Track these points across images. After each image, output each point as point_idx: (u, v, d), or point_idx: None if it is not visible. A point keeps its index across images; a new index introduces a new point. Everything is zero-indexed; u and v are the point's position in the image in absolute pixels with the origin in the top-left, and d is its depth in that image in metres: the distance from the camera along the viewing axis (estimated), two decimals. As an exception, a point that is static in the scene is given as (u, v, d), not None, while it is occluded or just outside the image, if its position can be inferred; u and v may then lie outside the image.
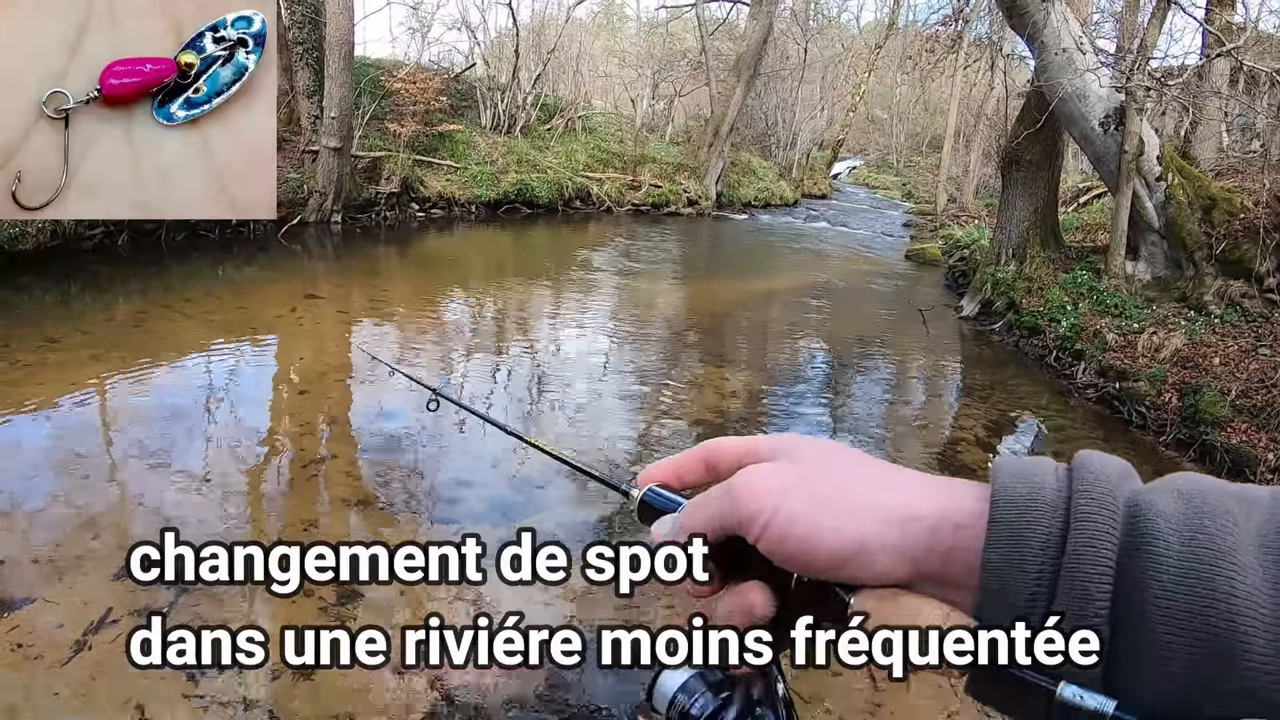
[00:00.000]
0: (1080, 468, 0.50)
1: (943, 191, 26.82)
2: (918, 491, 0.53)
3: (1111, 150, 11.23)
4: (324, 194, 15.72)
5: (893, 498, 0.53)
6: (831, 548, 0.52)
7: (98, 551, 4.69)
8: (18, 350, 7.77)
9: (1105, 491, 0.48)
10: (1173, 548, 0.45)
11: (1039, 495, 0.49)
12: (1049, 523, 0.48)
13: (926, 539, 0.51)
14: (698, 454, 0.64)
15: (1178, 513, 0.46)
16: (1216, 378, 8.54)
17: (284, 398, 7.54)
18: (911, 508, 0.52)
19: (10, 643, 3.87)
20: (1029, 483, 0.50)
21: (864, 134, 47.19)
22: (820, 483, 0.54)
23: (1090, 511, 0.47)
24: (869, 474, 0.55)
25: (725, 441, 0.63)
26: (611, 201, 22.29)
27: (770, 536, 0.53)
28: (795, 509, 0.53)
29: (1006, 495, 0.49)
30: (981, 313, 12.81)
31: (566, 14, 27.03)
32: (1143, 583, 0.45)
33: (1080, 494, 0.48)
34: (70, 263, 11.31)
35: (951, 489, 0.53)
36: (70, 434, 6.28)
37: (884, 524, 0.51)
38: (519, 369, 9.02)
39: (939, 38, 22.28)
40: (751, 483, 0.55)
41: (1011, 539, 0.48)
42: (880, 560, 0.51)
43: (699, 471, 0.64)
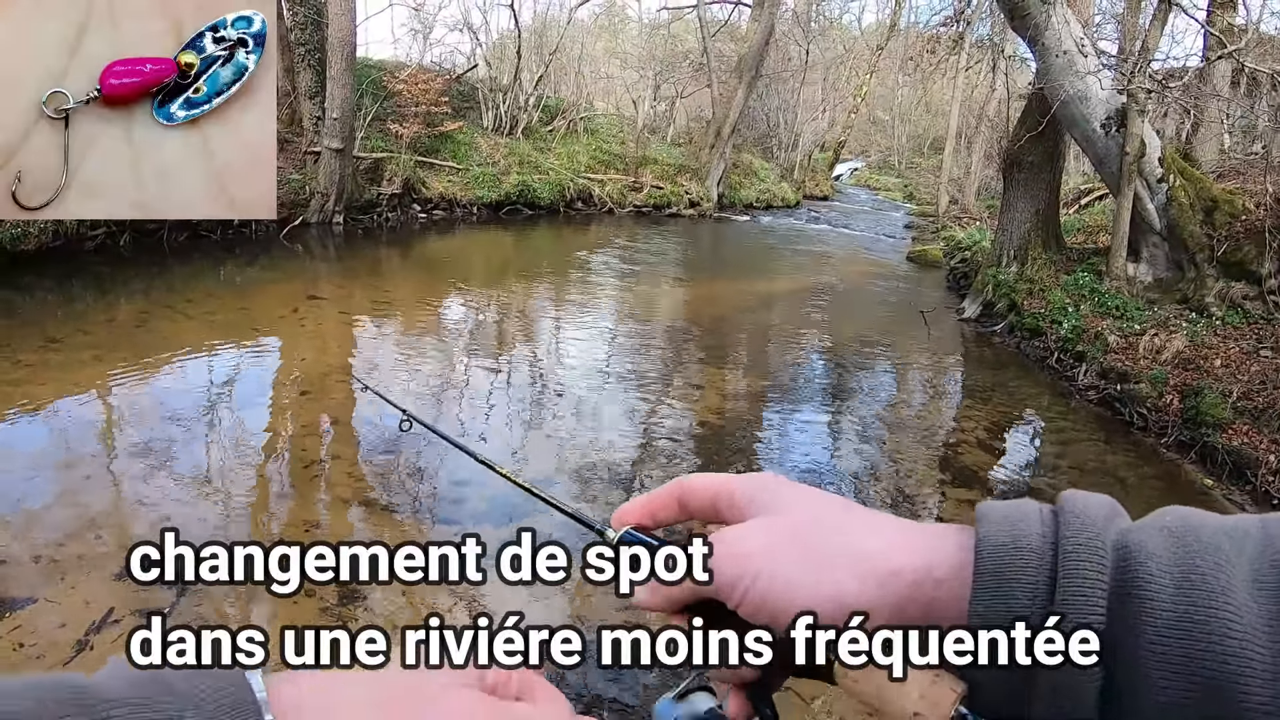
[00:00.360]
0: (1065, 510, 0.49)
1: (944, 193, 26.82)
2: (898, 542, 0.52)
3: (1113, 152, 11.23)
4: (326, 195, 15.73)
5: (872, 550, 0.52)
6: (808, 608, 0.51)
7: (99, 551, 4.69)
8: (19, 350, 7.78)
9: (1092, 535, 0.47)
10: (1165, 590, 0.44)
11: (1024, 542, 0.48)
12: (1035, 571, 0.47)
13: (907, 593, 0.50)
14: (671, 491, 0.63)
15: (1168, 553, 0.46)
16: (1218, 380, 8.53)
17: (286, 398, 7.54)
18: (891, 563, 0.51)
19: (12, 642, 3.87)
20: (1013, 530, 0.49)
21: (866, 135, 47.25)
22: (796, 540, 0.53)
23: (1078, 558, 0.46)
24: (847, 524, 0.54)
25: (698, 479, 0.62)
26: (613, 203, 22.31)
27: (751, 602, 0.53)
28: (772, 573, 0.52)
29: (990, 544, 0.48)
30: (983, 314, 12.81)
31: (568, 15, 27.08)
32: (1136, 628, 0.44)
33: (1067, 540, 0.47)
34: (72, 263, 11.31)
35: (933, 538, 0.52)
36: (72, 434, 6.29)
37: (862, 582, 0.50)
38: (520, 370, 9.02)
39: (940, 39, 22.27)
40: (730, 550, 0.54)
41: (997, 591, 0.47)
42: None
43: (673, 509, 0.63)
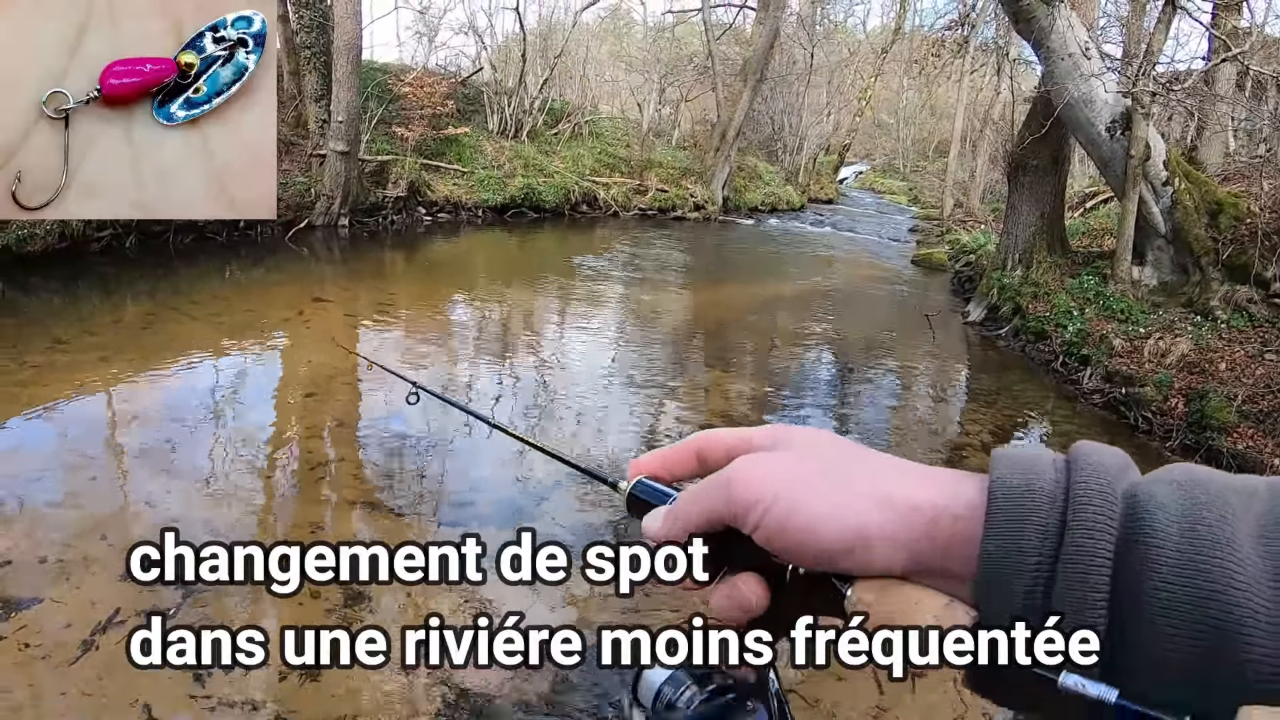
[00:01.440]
0: (1078, 459, 0.50)
1: (949, 196, 26.79)
2: (918, 481, 0.53)
3: (1118, 155, 11.21)
4: (331, 197, 15.75)
5: (893, 486, 0.52)
6: (832, 537, 0.51)
7: (105, 552, 4.70)
8: (26, 351, 7.79)
9: (1103, 483, 0.48)
10: (1171, 539, 0.45)
11: (1037, 486, 0.49)
12: (1046, 514, 0.48)
13: (926, 529, 0.50)
14: (689, 445, 0.63)
15: (1176, 504, 0.46)
16: (1223, 383, 8.51)
17: (291, 400, 7.55)
18: (912, 497, 0.51)
19: (18, 643, 3.88)
20: (1026, 473, 0.49)
21: (870, 139, 47.19)
22: (819, 470, 0.54)
23: (1088, 503, 0.47)
24: (868, 462, 0.55)
25: (717, 432, 0.62)
26: (618, 206, 22.31)
27: (768, 526, 0.52)
28: (794, 497, 0.52)
29: (1004, 486, 0.49)
30: (988, 318, 12.79)
31: (573, 18, 27.11)
32: (1141, 574, 0.45)
33: (1078, 485, 0.48)
34: (78, 265, 11.34)
35: (952, 480, 0.53)
36: (78, 435, 6.30)
37: (884, 513, 0.51)
38: (524, 373, 9.02)
39: (945, 42, 22.27)
40: (748, 472, 0.55)
41: (1009, 530, 0.48)
42: (880, 551, 0.51)
43: (690, 463, 0.63)
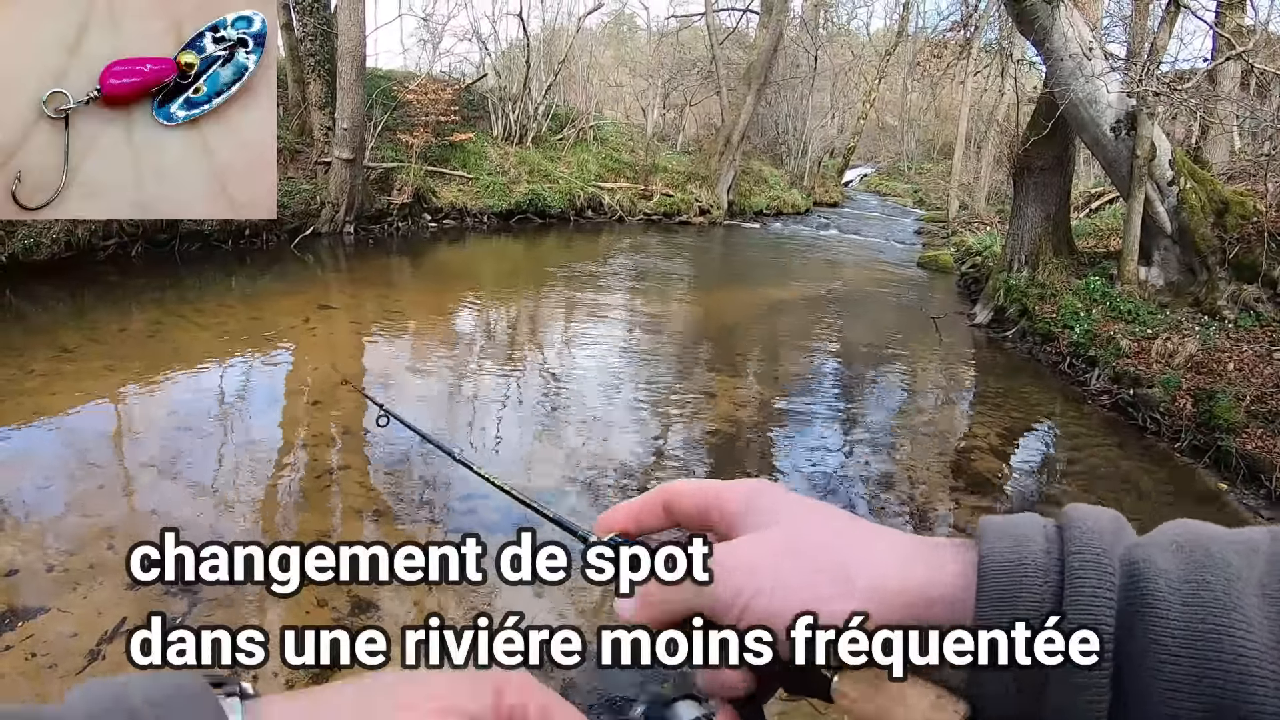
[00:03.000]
0: (1070, 525, 0.48)
1: (954, 198, 26.80)
2: (895, 560, 0.50)
3: (1123, 155, 11.19)
4: (336, 205, 15.79)
5: (869, 571, 0.50)
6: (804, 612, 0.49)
7: (112, 561, 4.70)
8: (32, 360, 7.82)
9: (1099, 551, 0.46)
10: (1174, 608, 0.43)
11: (1028, 558, 0.47)
12: (1040, 588, 0.45)
13: (904, 613, 0.48)
14: (656, 498, 0.61)
15: (1177, 569, 0.44)
16: (1231, 383, 8.48)
17: (297, 408, 7.56)
18: (890, 583, 0.49)
19: (25, 652, 3.88)
20: (1017, 545, 0.47)
21: (875, 141, 47.20)
22: (794, 560, 0.51)
23: (1084, 574, 0.45)
24: (842, 538, 0.52)
25: (685, 486, 0.60)
26: (623, 211, 22.34)
27: (747, 622, 0.51)
28: (771, 596, 0.50)
29: (993, 560, 0.47)
30: (994, 320, 12.77)
31: (577, 24, 27.14)
32: (1145, 647, 0.43)
33: (1073, 556, 0.46)
34: (84, 273, 11.37)
35: (931, 558, 0.50)
36: (84, 443, 6.31)
37: (868, 598, 0.49)
38: (532, 378, 9.02)
39: (948, 44, 22.25)
40: (723, 567, 0.52)
41: (1000, 609, 0.46)
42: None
43: (658, 516, 0.61)
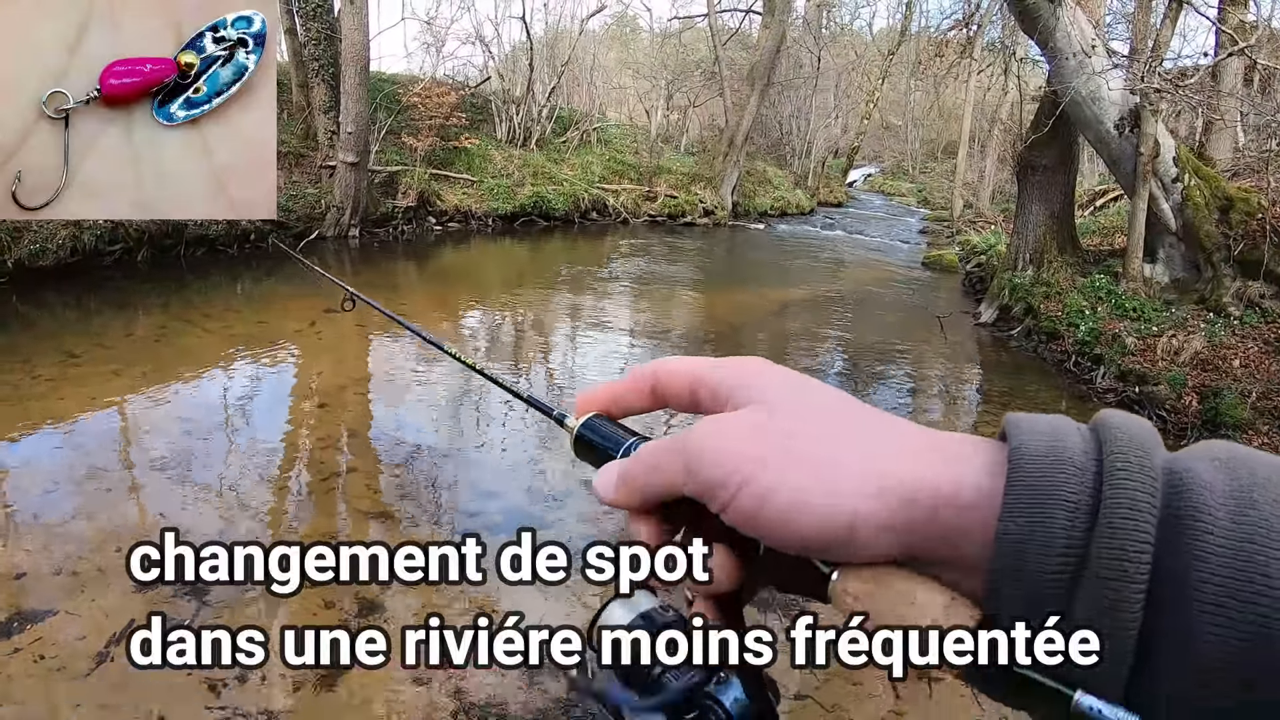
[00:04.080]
0: (1108, 427, 0.43)
1: (958, 197, 26.75)
2: (917, 457, 0.45)
3: (1127, 153, 11.18)
4: (341, 209, 15.82)
5: (889, 465, 0.45)
6: (815, 528, 0.44)
7: (119, 564, 4.71)
8: (39, 365, 7.84)
9: (1141, 455, 0.41)
10: (1220, 524, 0.38)
11: (1065, 455, 0.42)
12: (1077, 488, 0.41)
13: (926, 517, 0.43)
14: (642, 377, 0.56)
15: (1223, 484, 0.40)
16: (1237, 380, 8.47)
17: (303, 411, 7.57)
18: (911, 482, 0.44)
19: (33, 654, 3.89)
20: (1052, 441, 0.43)
21: (879, 141, 47.18)
22: (800, 443, 0.46)
23: (1127, 476, 0.40)
24: (857, 429, 0.48)
25: (673, 362, 0.55)
26: (628, 213, 22.36)
27: (739, 510, 0.46)
28: (770, 480, 0.45)
29: (1027, 455, 0.42)
30: (999, 319, 12.75)
31: (580, 26, 27.16)
32: (1186, 562, 0.38)
33: (1113, 455, 0.41)
34: (90, 278, 11.40)
35: (956, 454, 0.45)
36: (91, 448, 6.33)
37: (877, 501, 0.44)
38: (537, 380, 9.02)
39: (950, 43, 22.25)
40: (712, 444, 0.47)
41: (1033, 507, 0.41)
42: (870, 541, 0.44)
43: (643, 397, 0.56)
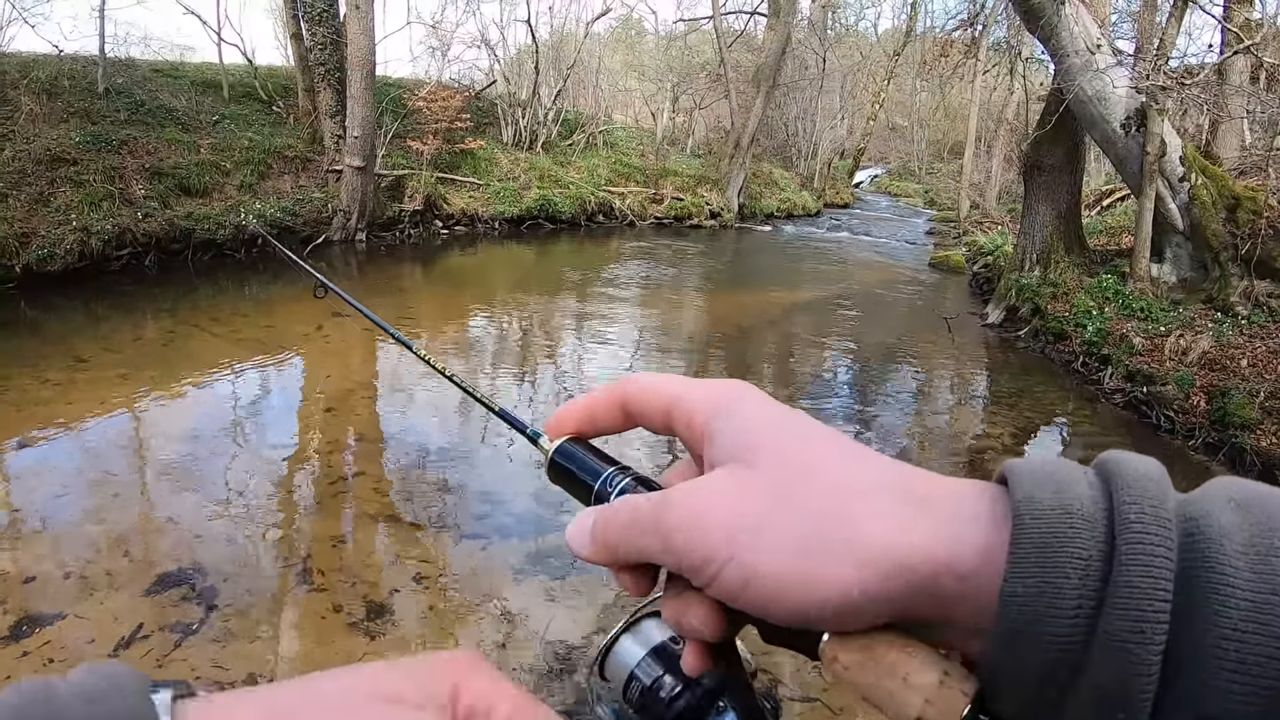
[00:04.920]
0: (1118, 471, 0.40)
1: (965, 198, 26.69)
2: (911, 519, 0.42)
3: (1133, 152, 11.15)
4: (348, 213, 15.87)
5: (879, 530, 0.41)
6: (801, 604, 0.42)
7: (128, 568, 4.74)
8: (47, 370, 7.88)
9: (1155, 503, 0.38)
10: (1242, 575, 0.36)
11: (1073, 507, 0.39)
12: (1088, 542, 0.38)
13: (923, 586, 0.41)
14: (615, 396, 0.53)
15: (1242, 530, 0.37)
16: (1245, 380, 8.43)
17: (311, 415, 7.59)
18: (904, 551, 0.41)
19: (42, 658, 3.91)
20: (1059, 492, 0.40)
21: (885, 142, 47.08)
22: (782, 514, 0.43)
23: (1142, 528, 0.37)
24: (844, 485, 0.44)
25: (646, 381, 0.52)
26: (634, 215, 22.36)
27: (723, 590, 0.44)
28: (753, 560, 0.43)
29: (1033, 508, 0.39)
30: (1006, 319, 12.72)
31: (585, 29, 27.17)
32: (1206, 619, 0.36)
33: (1126, 506, 0.38)
34: (98, 283, 11.47)
35: (953, 511, 0.42)
36: (100, 452, 6.36)
37: (869, 571, 0.41)
38: (544, 382, 9.04)
39: (955, 43, 22.21)
40: (692, 524, 0.44)
41: (1042, 566, 0.38)
42: (862, 613, 0.42)
43: (615, 417, 0.53)
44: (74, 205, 12.00)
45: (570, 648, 4.30)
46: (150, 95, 15.48)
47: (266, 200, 14.99)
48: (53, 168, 12.30)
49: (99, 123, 13.83)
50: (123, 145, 13.63)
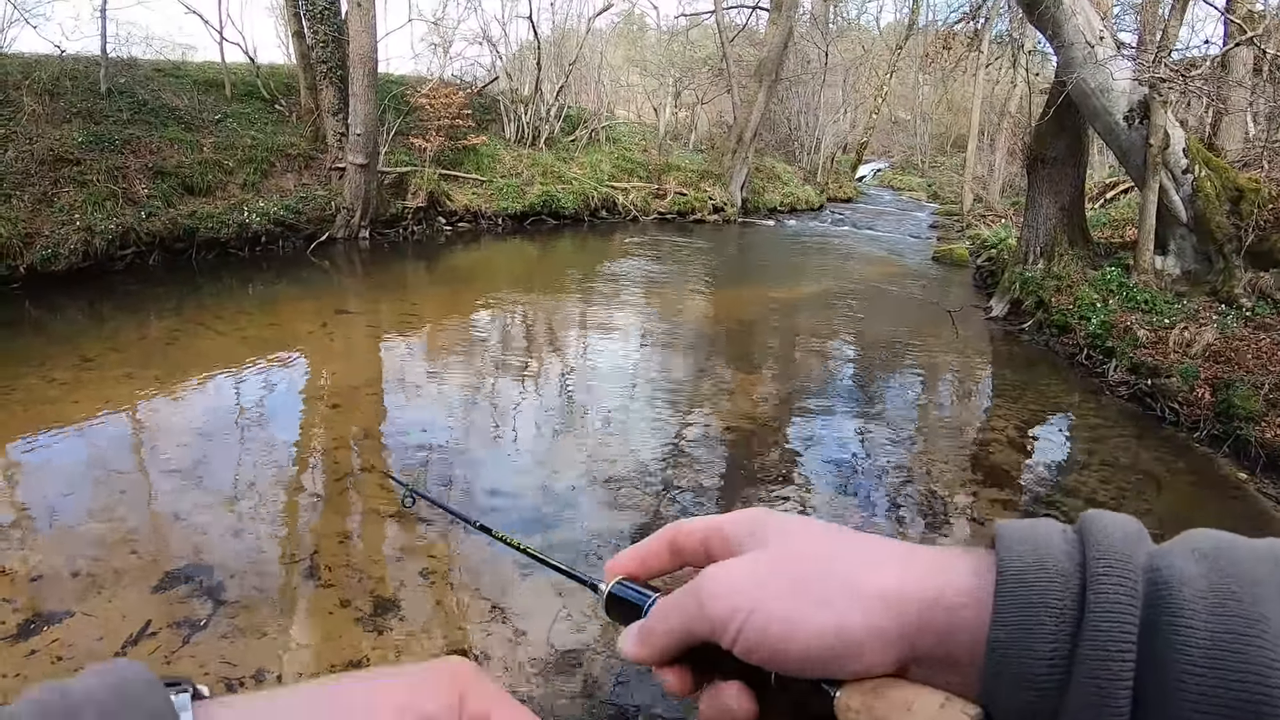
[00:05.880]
0: (1090, 529, 0.46)
1: (968, 192, 26.66)
2: (904, 569, 0.49)
3: (1137, 144, 11.13)
4: (351, 210, 15.89)
5: (875, 579, 0.48)
6: (809, 644, 0.48)
7: (135, 565, 4.76)
8: (53, 369, 7.90)
9: (1121, 557, 0.44)
10: (1199, 618, 0.41)
11: (1049, 563, 0.45)
12: (1061, 594, 0.44)
13: (917, 621, 0.47)
14: (662, 539, 0.61)
15: (1202, 578, 0.42)
16: (1249, 372, 8.42)
17: (316, 412, 7.60)
18: (897, 590, 0.48)
19: (50, 655, 3.93)
20: (1037, 549, 0.46)
21: (888, 136, 47.08)
22: (792, 571, 0.50)
23: (1107, 580, 0.43)
24: (846, 552, 0.51)
25: (687, 524, 0.60)
26: (637, 210, 22.36)
27: (746, 641, 0.49)
28: (768, 610, 0.49)
29: (1013, 565, 0.45)
30: (1011, 313, 12.71)
31: (587, 25, 27.14)
32: (1169, 658, 0.41)
33: (1095, 561, 0.44)
34: (103, 282, 11.49)
35: (942, 563, 0.49)
36: (106, 451, 6.38)
37: (867, 611, 0.47)
38: (549, 379, 9.04)
39: (957, 36, 22.17)
40: (719, 585, 0.52)
41: (1020, 614, 0.44)
42: (867, 650, 0.47)
43: (664, 558, 0.61)
44: (77, 205, 12.02)
45: (576, 644, 4.31)
46: (153, 95, 15.49)
47: (270, 199, 15.00)
48: (56, 168, 12.31)
49: (101, 123, 13.83)
50: (125, 145, 13.64)
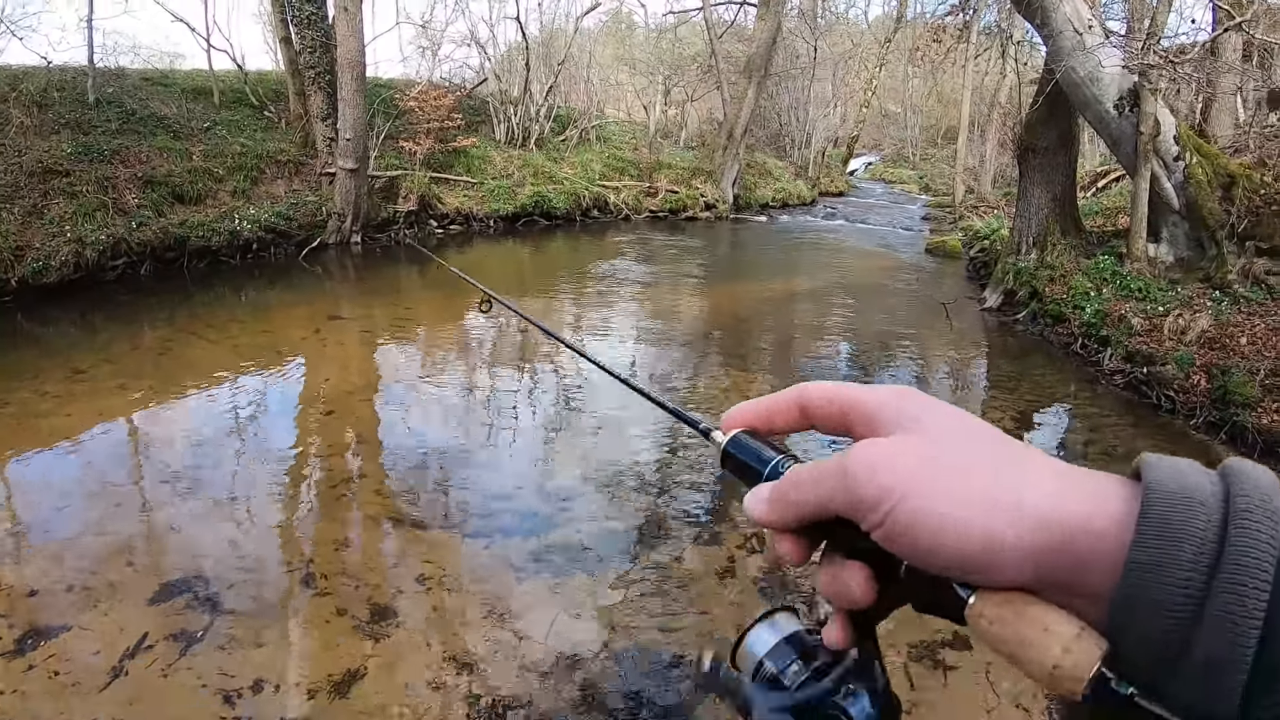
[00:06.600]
0: (1235, 473, 0.47)
1: (960, 183, 26.69)
2: (1056, 487, 0.49)
3: (1128, 132, 11.13)
4: (342, 215, 15.87)
5: (1028, 493, 0.49)
6: (957, 547, 0.48)
7: (131, 578, 4.74)
8: (45, 382, 7.88)
9: (1264, 498, 0.45)
10: None
11: (1195, 494, 0.45)
12: (1204, 525, 0.44)
13: (1061, 544, 0.47)
14: (792, 397, 0.60)
15: None
16: (1245, 358, 8.42)
17: (311, 419, 7.58)
18: (1048, 509, 0.48)
19: (47, 671, 3.91)
20: (1184, 480, 0.46)
21: (878, 129, 47.13)
22: (949, 469, 0.50)
23: (1249, 519, 0.44)
24: (1000, 459, 0.51)
25: (826, 388, 0.59)
26: (629, 209, 22.37)
27: (891, 528, 0.50)
28: (920, 502, 0.49)
29: (1161, 491, 0.46)
30: (1004, 303, 12.72)
31: (575, 24, 27.13)
32: None
33: (1240, 497, 0.45)
34: (94, 294, 11.46)
35: (1094, 487, 0.49)
36: (100, 463, 6.35)
37: (1016, 524, 0.48)
38: (544, 380, 9.02)
39: (946, 28, 22.20)
40: (873, 464, 0.51)
41: (1163, 538, 0.44)
42: (1008, 563, 0.48)
43: (793, 417, 0.60)
44: (67, 217, 11.99)
45: (574, 647, 4.30)
46: (141, 104, 15.46)
47: (260, 206, 14.99)
48: (45, 180, 12.28)
49: (90, 133, 13.81)
50: (115, 155, 13.62)
